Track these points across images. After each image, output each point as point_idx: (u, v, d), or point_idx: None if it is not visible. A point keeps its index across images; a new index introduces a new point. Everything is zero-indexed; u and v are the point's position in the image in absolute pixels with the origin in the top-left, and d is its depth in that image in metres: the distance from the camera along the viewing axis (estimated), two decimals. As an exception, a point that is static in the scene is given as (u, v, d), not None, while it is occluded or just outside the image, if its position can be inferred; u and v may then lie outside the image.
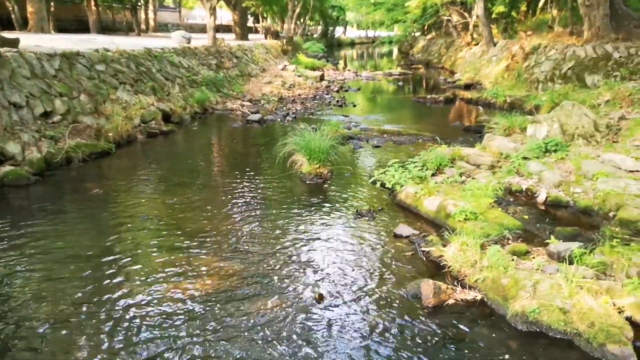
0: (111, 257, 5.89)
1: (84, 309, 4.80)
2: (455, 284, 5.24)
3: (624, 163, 7.93)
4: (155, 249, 6.13)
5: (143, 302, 4.92)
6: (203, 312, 4.78)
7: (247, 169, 9.69)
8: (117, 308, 4.82)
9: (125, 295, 5.05)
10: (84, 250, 6.08)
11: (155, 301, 4.95)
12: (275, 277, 5.45)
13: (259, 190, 8.43)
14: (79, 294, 5.06)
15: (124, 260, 5.81)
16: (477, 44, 28.27)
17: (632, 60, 13.52)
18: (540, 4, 25.93)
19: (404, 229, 6.61)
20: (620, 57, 13.94)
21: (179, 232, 6.63)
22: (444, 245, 5.93)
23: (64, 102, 10.61)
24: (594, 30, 15.50)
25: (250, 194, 8.21)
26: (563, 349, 4.24)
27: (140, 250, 6.11)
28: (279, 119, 15.16)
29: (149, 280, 5.37)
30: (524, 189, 7.85)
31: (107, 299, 4.98)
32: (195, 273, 5.54)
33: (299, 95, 19.91)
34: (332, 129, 11.67)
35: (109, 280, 5.34)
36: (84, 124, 10.80)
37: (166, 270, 5.59)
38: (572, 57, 15.58)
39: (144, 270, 5.58)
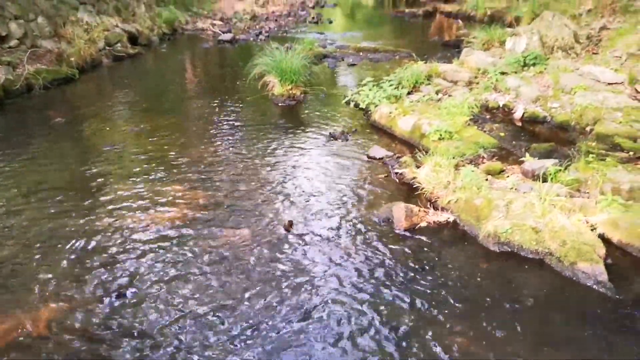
0: (75, 189, 5.67)
1: (47, 241, 4.63)
2: (428, 206, 5.13)
3: (603, 75, 7.72)
4: (120, 179, 5.90)
5: (107, 234, 4.75)
6: (170, 242, 4.63)
7: (217, 93, 9.35)
8: (81, 240, 4.64)
9: (90, 227, 4.87)
10: (45, 182, 5.84)
11: (120, 232, 4.78)
12: (245, 205, 5.30)
13: (228, 115, 8.14)
14: (42, 227, 4.87)
15: (88, 192, 5.60)
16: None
17: (616, -33, 12.97)
18: None
19: (377, 151, 6.44)
20: (604, -37, 13.36)
21: (146, 161, 6.39)
22: (418, 167, 5.78)
23: (20, 25, 10.00)
24: None
25: (219, 119, 7.93)
26: (534, 269, 4.19)
27: (105, 181, 5.87)
28: (251, 38, 14.59)
29: (114, 211, 5.17)
30: (501, 105, 7.66)
31: (71, 231, 4.80)
32: (162, 202, 5.36)
33: (273, 12, 19.14)
34: (306, 48, 11.23)
35: (72, 212, 5.14)
36: (44, 48, 10.26)
37: (132, 200, 5.40)
38: (555, -36, 14.94)
39: (108, 201, 5.38)
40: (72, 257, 4.43)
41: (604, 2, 10.55)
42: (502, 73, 8.50)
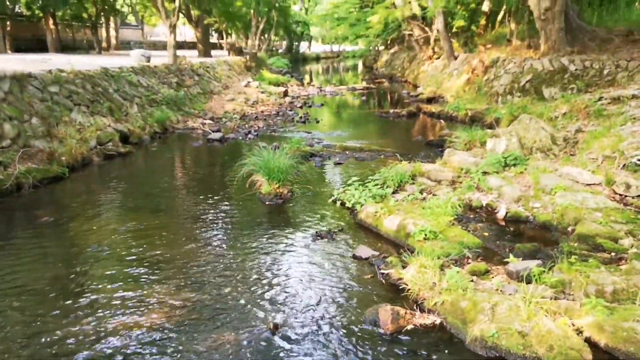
0: (56, 290, 5.60)
1: (24, 344, 4.51)
2: (415, 307, 5.11)
3: (581, 176, 7.98)
4: (103, 281, 5.85)
5: (91, 337, 4.65)
6: (152, 348, 4.54)
7: (205, 191, 9.47)
8: (59, 344, 4.54)
9: (68, 330, 4.77)
10: (30, 284, 5.77)
11: (104, 336, 4.68)
12: (230, 307, 5.25)
13: (216, 214, 8.21)
14: (25, 330, 4.76)
15: (72, 293, 5.52)
16: (438, 58, 28.59)
17: (587, 73, 13.76)
18: (499, 17, 26.37)
19: (363, 251, 6.48)
20: (575, 69, 14.18)
21: (132, 262, 6.36)
22: (404, 267, 5.81)
23: (14, 126, 10.23)
24: (550, 44, 15.78)
25: (207, 218, 7.98)
26: (523, 374, 4.14)
27: (89, 282, 5.82)
28: (240, 137, 14.96)
29: (94, 314, 5.09)
30: (484, 205, 7.82)
31: (55, 334, 4.69)
32: (147, 305, 5.29)
33: (262, 112, 19.76)
34: (293, 147, 11.54)
35: (56, 315, 5.05)
36: (36, 148, 10.43)
37: (116, 303, 5.33)
38: (530, 70, 15.81)
39: (92, 304, 5.30)
40: (50, 363, 4.32)
41: (578, 106, 11.09)
42: (484, 173, 8.75)
